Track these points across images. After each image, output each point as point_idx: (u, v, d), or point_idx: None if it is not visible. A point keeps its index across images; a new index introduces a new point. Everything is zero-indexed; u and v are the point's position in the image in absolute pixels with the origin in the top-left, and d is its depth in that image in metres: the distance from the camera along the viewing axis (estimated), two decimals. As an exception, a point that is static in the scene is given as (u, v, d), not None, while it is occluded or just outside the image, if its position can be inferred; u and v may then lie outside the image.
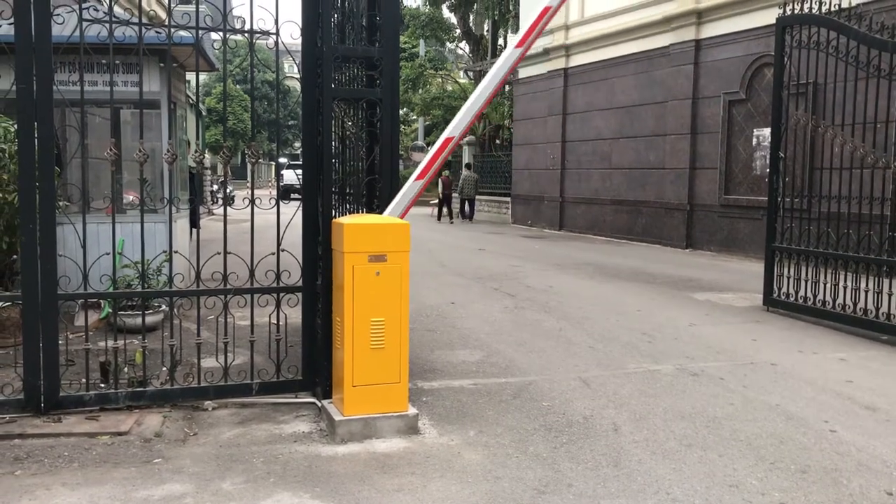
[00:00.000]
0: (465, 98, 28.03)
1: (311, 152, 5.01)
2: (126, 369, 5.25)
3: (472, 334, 7.51)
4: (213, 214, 23.26)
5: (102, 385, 5.13)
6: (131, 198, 8.77)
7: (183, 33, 6.95)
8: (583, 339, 7.32)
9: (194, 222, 10.09)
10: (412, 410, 4.75)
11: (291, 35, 5.15)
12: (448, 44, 33.40)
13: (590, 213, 19.80)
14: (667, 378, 6.04)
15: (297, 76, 5.18)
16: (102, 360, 5.27)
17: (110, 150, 4.83)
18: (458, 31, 30.07)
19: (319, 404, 4.99)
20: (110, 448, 4.34)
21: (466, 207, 25.39)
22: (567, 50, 20.61)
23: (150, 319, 6.83)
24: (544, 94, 21.64)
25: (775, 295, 8.79)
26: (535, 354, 6.75)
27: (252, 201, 5.08)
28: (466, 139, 27.06)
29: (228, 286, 5.02)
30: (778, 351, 6.99)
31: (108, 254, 4.93)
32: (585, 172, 19.96)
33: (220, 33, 5.06)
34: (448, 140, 4.93)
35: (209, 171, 29.53)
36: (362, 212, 5.17)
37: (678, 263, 13.68)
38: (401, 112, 38.60)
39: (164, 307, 7.19)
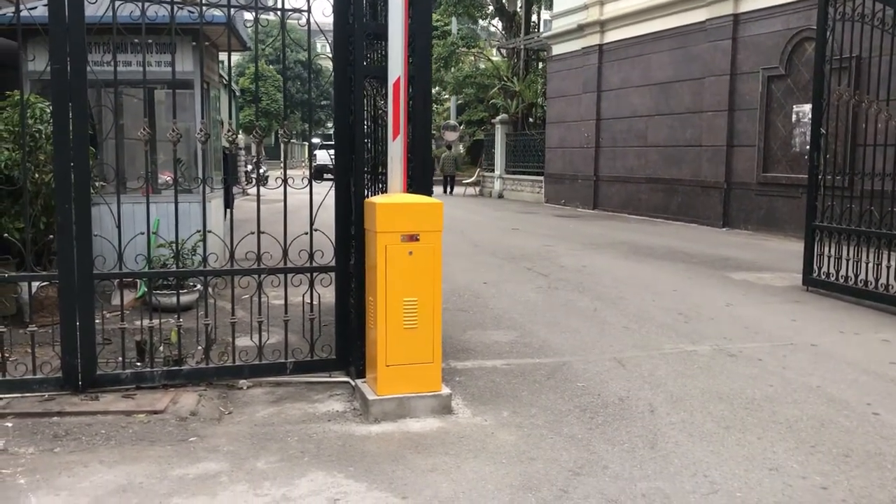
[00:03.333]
0: (499, 76, 27.86)
1: (344, 132, 4.97)
2: (161, 348, 5.29)
3: (505, 314, 7.46)
4: (247, 195, 23.40)
5: (139, 364, 5.17)
6: (166, 178, 8.83)
7: (215, 12, 6.97)
8: (617, 319, 7.23)
9: (228, 202, 10.16)
10: (445, 390, 4.73)
11: (323, 13, 5.10)
12: (480, 21, 33.11)
13: (624, 191, 19.57)
14: (704, 359, 5.95)
15: (330, 55, 5.10)
16: (138, 339, 5.32)
17: (144, 129, 4.83)
18: (491, 7, 29.76)
19: (353, 384, 4.99)
20: (146, 426, 4.37)
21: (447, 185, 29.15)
22: (602, 26, 20.31)
23: (185, 299, 6.89)
24: (578, 71, 21.38)
25: (815, 274, 8.61)
26: (569, 334, 6.69)
27: (285, 181, 5.06)
28: (500, 117, 26.88)
29: (262, 266, 5.02)
30: (818, 331, 6.85)
31: (142, 233, 4.95)
32: (620, 150, 19.72)
33: (252, 12, 5.03)
34: (396, 83, 4.63)
35: (243, 152, 29.66)
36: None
37: (715, 242, 13.48)
38: (434, 91, 38.52)
39: (198, 286, 7.23)
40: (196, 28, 7.78)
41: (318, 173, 42.39)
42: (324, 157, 42.93)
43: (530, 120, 27.34)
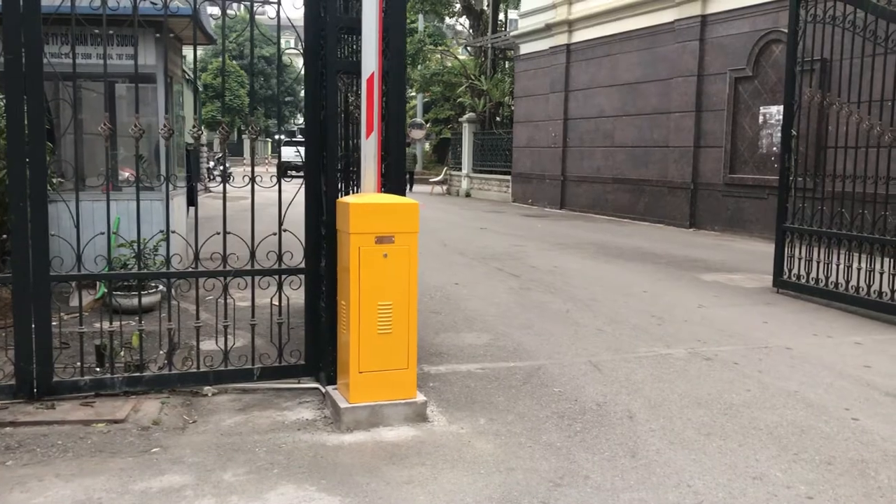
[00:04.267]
0: (466, 75, 27.74)
1: (315, 129, 4.79)
2: (122, 353, 5.06)
3: (479, 316, 7.33)
4: (209, 192, 22.96)
5: (98, 370, 4.95)
6: (127, 175, 8.55)
7: (179, 3, 6.74)
8: (591, 322, 7.14)
9: (192, 200, 9.89)
10: (420, 397, 4.57)
11: (294, 5, 4.92)
12: (448, 19, 32.96)
13: (592, 191, 19.57)
14: (679, 362, 5.87)
15: (297, 50, 4.90)
16: (98, 344, 5.08)
17: (105, 125, 4.60)
18: (458, 5, 29.62)
19: (323, 390, 4.82)
20: (106, 436, 4.16)
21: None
22: (570, 25, 20.28)
23: (146, 300, 6.63)
24: (546, 71, 21.33)
25: (786, 276, 8.60)
26: (543, 337, 6.57)
27: (252, 179, 4.88)
28: (467, 116, 26.76)
29: (228, 267, 4.82)
30: (791, 334, 6.82)
31: (102, 233, 4.72)
32: (588, 150, 19.71)
33: (217, 4, 4.82)
34: (370, 79, 4.47)
35: (205, 149, 29.18)
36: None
37: (682, 243, 13.50)
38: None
39: (161, 287, 6.99)
40: (160, 20, 7.58)
41: (283, 170, 42.00)
42: (289, 153, 42.50)
43: (498, 119, 27.28)
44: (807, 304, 8.13)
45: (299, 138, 45.21)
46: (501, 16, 29.23)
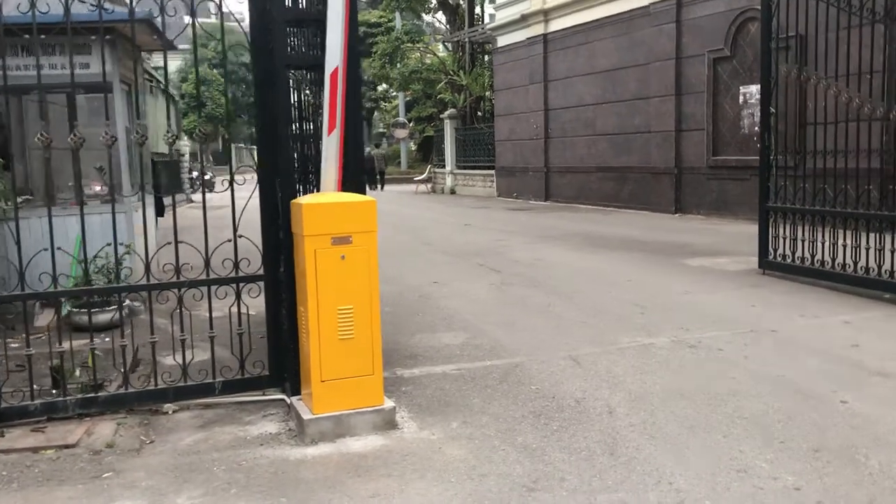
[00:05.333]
0: (445, 71, 27.51)
1: (266, 128, 4.57)
2: (78, 373, 4.84)
3: (457, 315, 7.11)
4: (192, 202, 22.68)
5: (54, 392, 4.72)
6: (97, 189, 8.31)
7: (116, 7, 6.51)
8: (573, 315, 6.94)
9: (160, 211, 9.65)
10: (388, 404, 4.36)
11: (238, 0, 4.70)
12: (424, 15, 32.72)
13: (576, 181, 19.38)
14: (662, 352, 5.67)
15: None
16: (51, 365, 4.85)
17: (40, 136, 4.38)
18: (434, 1, 29.36)
19: (289, 401, 4.60)
20: (55, 463, 3.93)
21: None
22: (545, 15, 20.09)
23: (104, 317, 6.43)
24: (524, 62, 21.13)
25: (771, 257, 8.42)
26: (523, 333, 6.37)
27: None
28: (448, 112, 26.55)
29: (182, 278, 4.59)
30: (778, 317, 6.63)
31: (46, 249, 4.47)
32: (570, 140, 19.53)
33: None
34: (335, 72, 4.27)
35: (187, 157, 28.88)
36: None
37: (668, 229, 13.31)
38: (380, 88, 37.96)
39: (127, 303, 6.76)
40: (112, 27, 7.33)
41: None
42: None
43: (479, 114, 27.05)
44: (793, 284, 7.95)
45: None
46: (478, 10, 28.99)
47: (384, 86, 34.17)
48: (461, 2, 27.55)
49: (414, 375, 5.32)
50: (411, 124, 35.87)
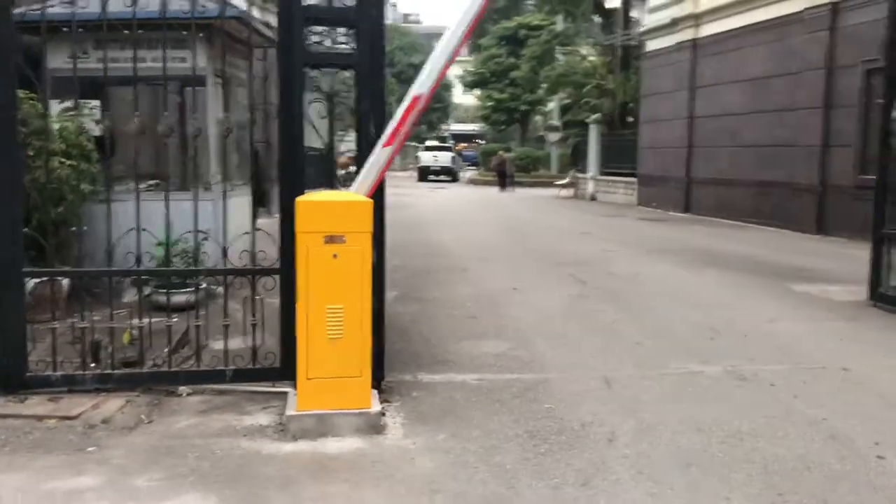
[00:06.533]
0: (594, 75, 26.97)
1: (285, 125, 4.62)
2: (110, 349, 5.09)
3: (513, 324, 6.93)
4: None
5: (93, 365, 4.99)
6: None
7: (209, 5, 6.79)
8: (633, 334, 6.57)
9: (261, 202, 10.02)
10: (375, 407, 4.30)
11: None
12: (580, 18, 32.20)
13: (716, 194, 18.43)
14: (707, 382, 5.26)
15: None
16: (93, 340, 5.13)
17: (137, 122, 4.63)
18: (590, 4, 28.83)
19: (294, 395, 4.63)
20: (50, 433, 4.16)
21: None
22: (696, 19, 19.23)
23: (182, 298, 6.74)
24: (672, 68, 20.33)
25: (882, 288, 7.62)
26: (569, 349, 6.11)
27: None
28: (594, 117, 26.01)
29: (200, 267, 4.74)
30: (860, 354, 5.98)
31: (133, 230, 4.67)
32: (713, 151, 18.60)
33: None
34: (416, 99, 4.29)
35: (343, 152, 29.88)
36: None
37: (798, 251, 12.37)
38: (534, 93, 37.64)
39: (204, 285, 7.06)
40: (210, 23, 7.68)
41: (422, 174, 42.60)
42: (427, 158, 43.02)
43: (630, 119, 26.29)
44: (902, 321, 7.16)
45: (437, 143, 45.74)
46: (635, 13, 28.16)
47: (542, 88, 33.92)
48: (617, 5, 26.90)
49: (433, 381, 5.23)
50: (563, 129, 35.43)
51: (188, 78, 7.78)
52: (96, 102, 7.52)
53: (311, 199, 4.19)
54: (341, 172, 28.79)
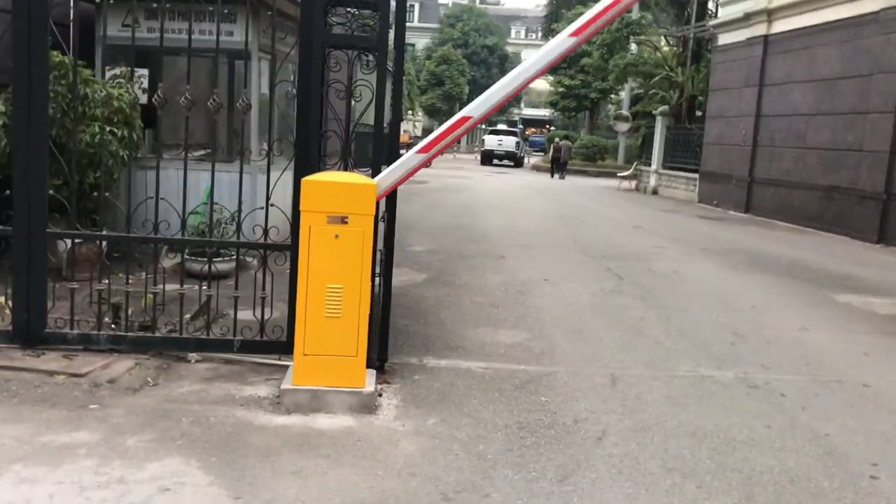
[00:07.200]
0: (664, 66, 26.42)
1: (302, 105, 4.70)
2: (129, 312, 5.27)
3: (537, 314, 6.92)
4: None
5: (113, 326, 5.19)
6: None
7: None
8: (656, 333, 6.49)
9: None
10: (369, 388, 4.37)
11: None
12: (652, 7, 31.56)
13: (778, 196, 17.93)
14: (715, 387, 5.18)
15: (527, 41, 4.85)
16: (115, 302, 5.33)
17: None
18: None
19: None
20: (58, 388, 4.35)
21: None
22: (769, 15, 18.64)
23: (222, 267, 6.91)
24: (741, 63, 19.78)
25: (925, 304, 7.36)
26: (586, 343, 6.08)
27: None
28: (661, 109, 25.51)
29: (213, 238, 4.87)
30: (884, 371, 5.80)
31: (151, 198, 4.85)
32: (777, 151, 18.07)
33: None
34: (464, 119, 4.39)
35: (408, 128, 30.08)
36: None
37: (853, 260, 11.98)
38: (606, 81, 37.08)
39: (235, 256, 7.22)
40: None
41: (485, 158, 42.56)
42: (491, 142, 42.94)
43: (698, 113, 25.70)
44: (942, 338, 6.90)
45: (503, 128, 45.60)
46: (711, 4, 27.48)
47: (606, 80, 33.46)
48: (691, -5, 26.26)
49: (438, 366, 5.28)
50: (633, 119, 34.87)
51: (235, 52, 7.97)
52: (144, 71, 7.74)
53: (316, 179, 4.26)
54: (402, 152, 29.07)
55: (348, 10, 4.58)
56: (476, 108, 4.43)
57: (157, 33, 5.18)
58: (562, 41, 4.41)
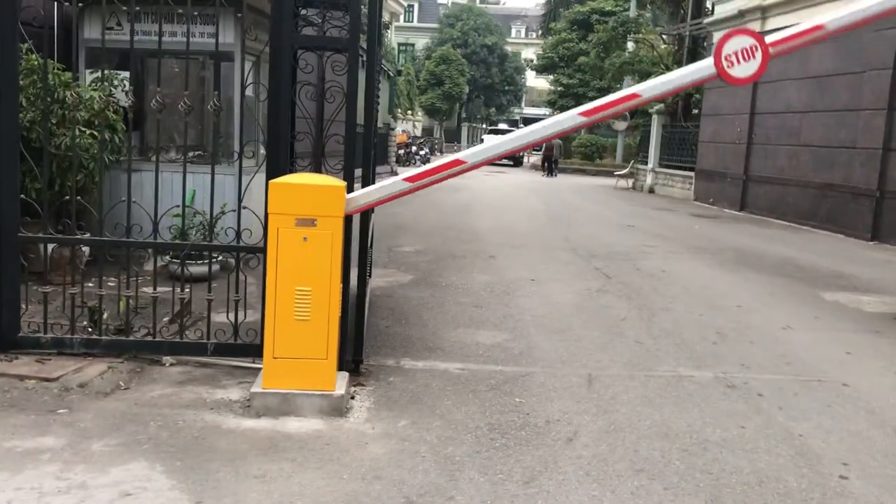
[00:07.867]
0: (660, 64, 26.37)
1: (271, 107, 4.68)
2: (105, 316, 5.26)
3: (519, 315, 6.90)
4: (395, 174, 23.63)
5: (90, 329, 5.18)
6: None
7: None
8: (637, 333, 6.47)
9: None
10: (339, 391, 4.35)
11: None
12: (648, 6, 31.53)
13: (773, 194, 17.91)
14: (693, 387, 5.16)
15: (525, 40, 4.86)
16: (91, 305, 5.31)
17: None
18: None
19: (269, 372, 4.73)
20: (27, 393, 4.34)
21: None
22: (763, 12, 18.64)
23: (202, 270, 6.91)
24: (736, 62, 19.74)
25: (911, 302, 7.33)
26: (565, 344, 6.05)
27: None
28: (657, 108, 25.48)
29: (185, 241, 4.85)
30: (866, 370, 5.77)
31: (123, 201, 4.84)
32: (772, 148, 18.05)
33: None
34: (458, 162, 4.43)
35: (396, 131, 30.13)
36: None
37: (846, 257, 11.95)
38: (604, 80, 37.04)
39: (222, 258, 7.21)
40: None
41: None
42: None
43: (695, 111, 25.66)
44: (928, 336, 6.87)
45: (503, 127, 45.64)
46: (707, 3, 27.41)
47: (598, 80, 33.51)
48: (687, -7, 26.21)
49: (414, 368, 5.26)
50: (630, 118, 34.83)
51: (216, 53, 7.93)
52: (126, 74, 7.72)
53: (284, 181, 4.25)
54: (400, 152, 29.14)
55: (319, 11, 4.56)
56: (472, 156, 4.56)
57: (142, 36, 5.19)
58: (571, 117, 4.52)
